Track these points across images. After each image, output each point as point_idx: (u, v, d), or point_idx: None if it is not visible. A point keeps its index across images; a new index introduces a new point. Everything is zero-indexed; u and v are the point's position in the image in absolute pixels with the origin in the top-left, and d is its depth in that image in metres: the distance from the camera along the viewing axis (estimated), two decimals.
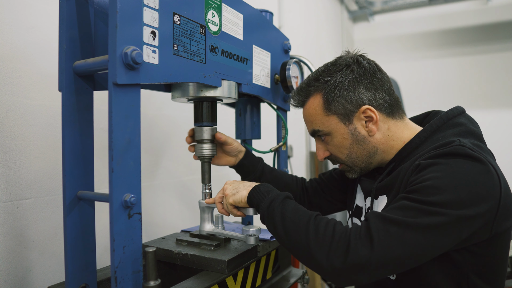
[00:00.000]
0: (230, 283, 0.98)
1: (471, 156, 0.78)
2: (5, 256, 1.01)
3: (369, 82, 0.95)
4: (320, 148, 1.04)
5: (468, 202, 0.74)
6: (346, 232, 0.76)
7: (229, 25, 1.02)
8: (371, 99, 0.94)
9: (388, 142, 0.97)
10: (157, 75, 0.79)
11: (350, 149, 0.98)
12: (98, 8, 0.88)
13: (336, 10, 4.33)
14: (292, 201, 0.89)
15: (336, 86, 0.95)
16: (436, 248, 0.75)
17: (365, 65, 0.96)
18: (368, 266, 0.72)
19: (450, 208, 0.73)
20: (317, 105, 0.98)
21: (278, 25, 2.70)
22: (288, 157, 2.29)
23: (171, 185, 1.66)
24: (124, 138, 0.73)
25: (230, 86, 1.03)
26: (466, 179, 0.76)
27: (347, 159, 1.00)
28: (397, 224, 0.73)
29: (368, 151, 0.97)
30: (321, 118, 0.98)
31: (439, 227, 0.73)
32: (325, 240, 0.76)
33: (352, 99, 0.94)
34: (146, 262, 0.75)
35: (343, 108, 0.95)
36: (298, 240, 0.80)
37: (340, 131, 0.97)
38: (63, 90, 0.83)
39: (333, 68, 0.98)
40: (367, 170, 1.02)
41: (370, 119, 0.95)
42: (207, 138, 1.09)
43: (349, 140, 0.97)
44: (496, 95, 4.12)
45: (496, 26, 4.17)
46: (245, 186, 0.97)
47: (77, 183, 0.84)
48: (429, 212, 0.73)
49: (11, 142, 1.03)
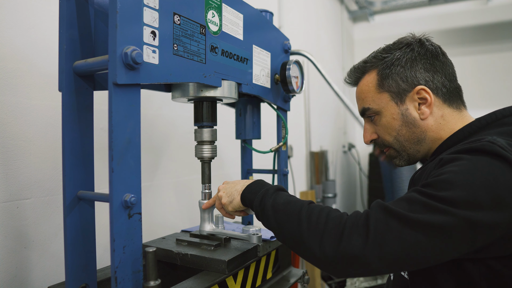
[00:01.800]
0: (230, 283, 0.98)
1: (499, 154, 0.69)
2: (5, 256, 1.01)
3: (429, 63, 0.89)
4: (367, 129, 0.99)
5: (484, 205, 0.65)
6: (341, 219, 0.72)
7: (229, 25, 1.02)
8: (428, 80, 0.89)
9: (438, 130, 0.90)
10: (157, 75, 0.79)
11: (399, 131, 0.92)
12: (98, 8, 0.88)
13: (336, 10, 4.33)
14: (283, 193, 0.86)
15: (392, 63, 0.91)
16: (440, 252, 0.67)
17: (427, 46, 0.91)
18: (361, 258, 0.67)
19: (461, 207, 0.65)
20: (371, 81, 0.94)
21: (278, 25, 2.70)
22: (288, 157, 2.29)
23: (171, 185, 1.66)
24: (124, 138, 0.73)
25: (230, 86, 1.03)
26: (487, 179, 0.67)
27: (395, 141, 0.94)
28: (398, 218, 0.67)
29: (416, 136, 0.91)
30: (372, 95, 0.94)
31: (445, 228, 0.65)
32: (318, 227, 0.72)
33: (408, 78, 0.89)
34: (146, 262, 0.75)
35: (396, 86, 0.90)
36: (291, 230, 0.77)
37: (391, 110, 0.92)
38: (63, 90, 0.83)
39: (393, 46, 0.94)
40: (415, 159, 0.97)
41: (424, 101, 0.89)
42: (207, 139, 1.09)
43: (398, 121, 0.92)
44: (496, 95, 4.12)
45: (496, 26, 4.18)
46: (238, 190, 0.96)
47: (77, 183, 0.84)
48: (436, 208, 0.66)
49: (11, 142, 1.03)
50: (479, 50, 4.29)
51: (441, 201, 0.66)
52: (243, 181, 0.98)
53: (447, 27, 4.37)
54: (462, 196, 0.66)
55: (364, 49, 5.05)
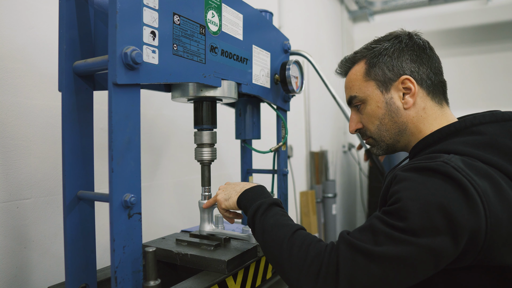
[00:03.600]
0: (230, 283, 0.98)
1: (451, 176, 0.70)
2: (5, 256, 1.01)
3: (415, 55, 0.91)
4: (353, 119, 1.01)
5: (441, 229, 0.67)
6: (319, 256, 0.73)
7: (229, 25, 1.02)
8: (413, 71, 0.90)
9: (418, 123, 0.91)
10: (157, 75, 0.79)
11: (381, 120, 0.94)
12: (98, 8, 0.88)
13: (336, 10, 4.33)
14: (275, 211, 0.87)
15: (380, 53, 0.93)
16: (408, 280, 0.69)
17: (415, 40, 0.93)
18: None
19: (420, 236, 0.67)
20: (359, 70, 0.96)
21: (278, 25, 2.70)
22: (288, 157, 2.29)
23: (171, 185, 1.66)
24: (124, 138, 0.73)
25: (230, 86, 1.03)
26: (441, 202, 0.67)
27: (376, 131, 0.96)
28: (364, 254, 0.69)
29: (398, 126, 0.93)
30: (359, 83, 0.96)
31: (408, 258, 0.67)
32: (298, 263, 0.74)
33: (394, 67, 0.91)
34: (146, 262, 0.75)
35: (383, 74, 0.92)
36: (274, 256, 0.79)
37: (375, 98, 0.94)
38: (63, 90, 0.83)
39: (383, 38, 0.96)
40: (393, 150, 0.99)
41: (408, 91, 0.90)
42: (207, 142, 1.10)
43: (382, 109, 0.93)
44: (496, 95, 4.12)
45: (496, 26, 4.18)
46: (236, 191, 0.96)
47: (77, 183, 0.84)
48: (398, 240, 0.67)
49: (11, 142, 1.03)
50: (479, 50, 4.29)
51: (401, 231, 0.68)
52: (244, 184, 0.99)
53: (447, 27, 4.37)
54: (420, 224, 0.67)
55: None
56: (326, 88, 1.45)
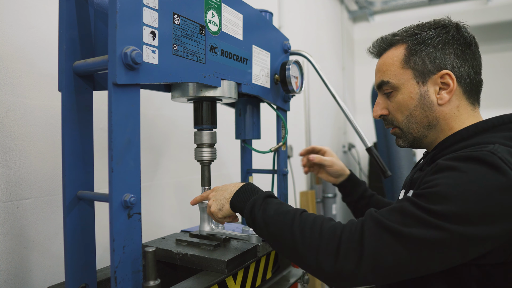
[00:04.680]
0: (230, 283, 0.98)
1: (497, 166, 0.67)
2: (5, 256, 1.01)
3: (460, 50, 0.87)
4: (379, 104, 0.96)
5: (476, 219, 0.65)
6: (335, 232, 0.72)
7: (229, 25, 1.03)
8: (455, 66, 0.86)
9: (450, 121, 0.88)
10: (156, 75, 0.79)
11: (412, 112, 0.90)
12: (98, 8, 0.88)
13: (336, 10, 4.33)
14: (272, 201, 0.85)
15: (424, 41, 0.87)
16: (433, 265, 0.69)
17: (463, 33, 0.88)
18: (357, 274, 0.69)
19: (454, 222, 0.65)
20: (397, 55, 0.91)
21: (278, 25, 2.70)
22: (288, 157, 2.29)
23: (171, 185, 1.66)
24: (124, 138, 0.73)
25: (229, 86, 1.03)
26: (481, 193, 0.66)
27: (405, 122, 0.92)
28: (391, 232, 0.68)
29: (428, 120, 0.89)
30: (395, 69, 0.91)
31: (437, 243, 0.66)
32: (313, 241, 0.73)
33: (436, 59, 0.86)
34: (145, 262, 0.75)
35: (423, 65, 0.87)
36: (285, 244, 0.77)
37: (410, 88, 0.89)
38: (63, 90, 0.83)
39: (428, 25, 0.90)
40: (419, 144, 0.94)
41: (446, 87, 0.86)
42: (207, 142, 1.10)
43: (415, 101, 0.89)
44: (496, 95, 4.11)
45: (496, 26, 4.18)
46: (226, 198, 0.94)
47: (77, 183, 0.84)
48: (429, 223, 0.66)
49: (11, 142, 1.03)
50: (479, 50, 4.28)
51: (434, 215, 0.67)
52: (231, 187, 0.96)
53: None
54: (455, 211, 0.66)
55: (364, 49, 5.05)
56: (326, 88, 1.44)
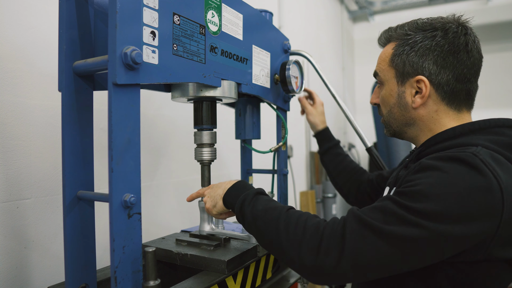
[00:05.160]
0: (230, 283, 0.98)
1: (478, 168, 0.69)
2: (5, 256, 1.01)
3: (441, 57, 0.86)
4: (376, 92, 1.03)
5: (455, 218, 0.67)
6: (318, 228, 0.74)
7: (229, 25, 1.02)
8: (432, 73, 0.86)
9: (428, 123, 0.90)
10: (156, 75, 0.79)
11: (392, 108, 0.95)
12: (98, 8, 0.88)
13: (336, 10, 4.33)
14: (262, 197, 0.88)
15: (409, 44, 0.90)
16: (412, 262, 0.71)
17: (451, 39, 0.86)
18: (338, 269, 0.70)
19: (432, 221, 0.67)
20: (388, 52, 0.96)
21: (278, 25, 2.70)
22: (288, 157, 2.29)
23: (171, 185, 1.66)
24: (124, 138, 0.73)
25: (229, 86, 1.03)
26: (460, 192, 0.68)
27: (386, 115, 0.98)
28: (373, 230, 0.70)
29: (405, 119, 0.94)
30: (384, 65, 0.96)
31: (416, 240, 0.67)
32: (296, 237, 0.74)
33: (415, 64, 0.88)
34: (145, 262, 0.75)
35: (403, 67, 0.91)
36: (270, 238, 0.79)
37: (391, 86, 0.94)
38: (63, 90, 0.83)
39: (421, 25, 0.91)
40: (401, 136, 1.00)
41: (419, 92, 0.89)
42: (207, 142, 1.10)
43: (394, 99, 0.94)
44: (496, 95, 4.11)
45: (496, 26, 4.18)
46: (219, 194, 0.97)
47: (77, 183, 0.85)
48: (409, 221, 0.68)
49: (11, 142, 1.03)
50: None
51: (413, 213, 0.68)
52: (225, 184, 0.99)
53: None
54: (434, 209, 0.67)
55: (364, 49, 5.06)
56: (327, 87, 1.44)
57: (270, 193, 1.44)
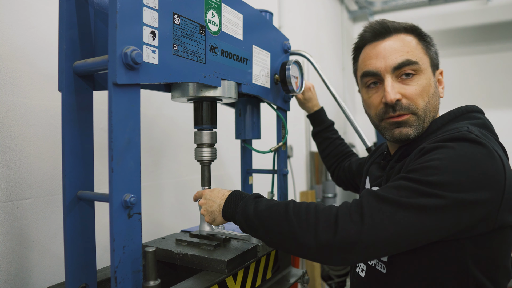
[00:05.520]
0: (230, 283, 0.98)
1: (476, 141, 0.74)
2: (5, 256, 1.01)
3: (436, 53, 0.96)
4: (395, 87, 0.88)
5: (467, 186, 0.70)
6: (330, 210, 0.75)
7: (229, 25, 1.02)
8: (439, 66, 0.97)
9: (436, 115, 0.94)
10: (157, 75, 0.79)
11: (430, 99, 0.90)
12: (98, 8, 0.88)
13: (336, 10, 4.33)
14: (262, 199, 0.88)
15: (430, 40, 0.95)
16: (431, 232, 0.72)
17: None
18: (358, 243, 0.70)
19: (448, 190, 0.70)
20: (415, 41, 0.92)
21: (278, 25, 2.70)
22: (288, 157, 2.29)
23: (171, 185, 1.66)
24: (124, 138, 0.73)
25: (230, 86, 1.03)
26: (468, 163, 0.72)
27: (424, 107, 0.88)
28: (390, 203, 0.71)
29: (435, 110, 0.92)
30: (419, 53, 0.90)
31: (434, 209, 0.70)
32: (310, 222, 0.74)
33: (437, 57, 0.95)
34: (146, 262, 0.75)
35: (435, 57, 0.94)
36: (282, 233, 0.78)
37: (429, 75, 0.91)
38: (63, 90, 0.83)
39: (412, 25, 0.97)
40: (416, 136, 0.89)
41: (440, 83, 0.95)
42: (207, 142, 1.10)
43: (432, 88, 0.91)
44: (496, 95, 4.12)
45: (496, 26, 4.18)
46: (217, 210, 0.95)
47: (77, 183, 0.84)
48: (425, 192, 0.70)
49: (11, 142, 1.03)
50: (479, 50, 4.29)
51: (429, 185, 0.71)
52: (219, 199, 0.96)
53: (447, 27, 4.37)
54: (448, 180, 0.71)
55: None
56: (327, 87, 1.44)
57: (270, 193, 1.44)
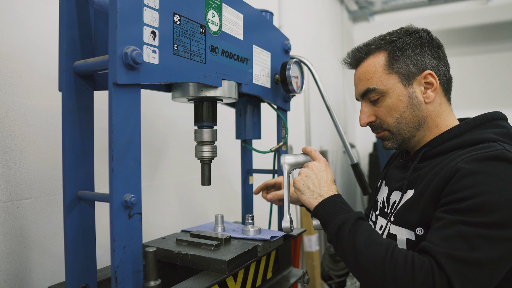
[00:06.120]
0: (230, 283, 0.98)
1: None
2: (5, 256, 1.01)
3: (435, 51, 0.95)
4: (365, 112, 1.00)
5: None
6: (427, 272, 0.71)
7: (229, 25, 1.02)
8: (434, 66, 0.94)
9: (436, 118, 0.95)
10: (157, 75, 0.79)
11: (402, 113, 0.94)
12: (98, 8, 0.88)
13: (336, 10, 4.33)
14: (362, 226, 0.83)
15: (403, 46, 0.94)
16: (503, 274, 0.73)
17: (433, 37, 0.97)
18: None
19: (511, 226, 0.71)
20: (378, 62, 0.96)
21: (278, 25, 2.70)
22: None
23: (171, 185, 1.66)
24: (124, 138, 0.73)
25: (230, 86, 1.03)
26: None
27: (395, 124, 0.96)
28: (471, 264, 0.70)
29: (418, 119, 0.94)
30: (380, 76, 0.95)
31: (509, 251, 0.71)
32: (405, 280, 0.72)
33: (418, 62, 0.93)
34: (146, 262, 0.75)
35: (406, 68, 0.93)
36: (373, 278, 0.76)
37: (397, 91, 0.94)
38: (63, 90, 0.83)
39: (400, 32, 0.97)
40: (406, 145, 0.99)
41: (430, 86, 0.93)
42: (207, 139, 1.09)
43: (404, 103, 0.94)
44: (496, 95, 4.12)
45: (496, 26, 4.18)
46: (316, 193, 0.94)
47: (77, 183, 0.84)
48: (494, 237, 0.70)
49: (11, 142, 1.03)
50: (479, 50, 4.29)
51: (494, 227, 0.71)
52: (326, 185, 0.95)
53: (447, 27, 4.37)
54: (509, 215, 0.71)
55: None
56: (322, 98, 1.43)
57: None
